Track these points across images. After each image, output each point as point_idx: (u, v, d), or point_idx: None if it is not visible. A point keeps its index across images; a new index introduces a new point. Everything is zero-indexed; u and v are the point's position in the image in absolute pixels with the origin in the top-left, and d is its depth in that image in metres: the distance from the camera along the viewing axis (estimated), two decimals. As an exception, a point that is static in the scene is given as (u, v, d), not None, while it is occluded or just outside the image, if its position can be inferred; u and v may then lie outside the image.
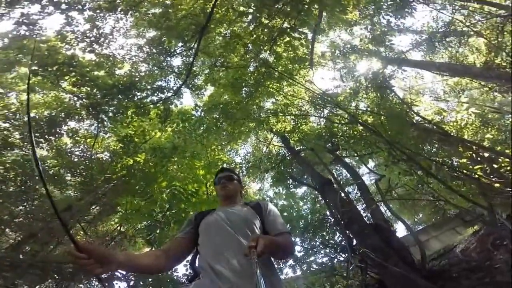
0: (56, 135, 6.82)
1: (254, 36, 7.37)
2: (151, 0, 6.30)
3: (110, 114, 7.22)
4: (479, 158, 6.11)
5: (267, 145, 10.94)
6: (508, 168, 5.08)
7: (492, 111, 9.18)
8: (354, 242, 7.64)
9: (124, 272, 5.79)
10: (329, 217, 9.09)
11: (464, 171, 6.87)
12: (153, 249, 7.62)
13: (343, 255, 7.73)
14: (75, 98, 6.59)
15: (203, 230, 1.71)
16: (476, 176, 5.16)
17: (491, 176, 5.40)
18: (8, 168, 7.48)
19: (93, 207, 9.68)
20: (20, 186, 8.07)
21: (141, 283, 6.79)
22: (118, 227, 10.71)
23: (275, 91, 8.91)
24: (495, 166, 5.30)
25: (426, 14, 8.13)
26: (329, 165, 10.14)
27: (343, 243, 7.97)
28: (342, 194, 8.96)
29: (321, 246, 8.47)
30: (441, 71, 9.34)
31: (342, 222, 8.06)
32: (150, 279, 6.15)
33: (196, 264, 1.68)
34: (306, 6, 6.97)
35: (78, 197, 9.04)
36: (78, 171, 8.32)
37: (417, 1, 7.19)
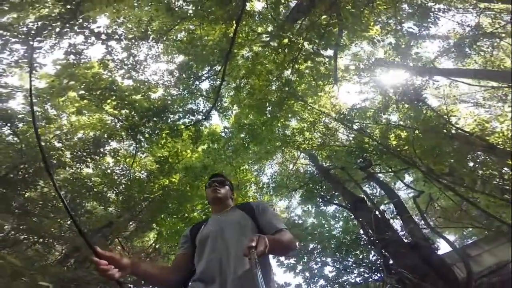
0: (100, 155, 7.53)
1: (276, 59, 7.67)
2: (178, 27, 7.03)
3: (147, 135, 7.81)
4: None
5: (294, 163, 10.80)
6: None
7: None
8: (391, 261, 7.07)
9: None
10: (363, 236, 8.50)
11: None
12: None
13: (378, 275, 7.12)
14: (116, 120, 7.35)
15: (197, 244, 1.68)
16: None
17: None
18: (61, 186, 8.34)
19: (130, 223, 10.20)
20: (70, 203, 8.86)
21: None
22: (154, 244, 11.10)
23: (299, 109, 8.98)
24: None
25: (448, 19, 7.80)
26: (361, 182, 9.64)
27: (378, 262, 7.38)
28: (377, 212, 8.43)
29: (354, 265, 7.87)
30: (478, 78, 8.69)
31: (377, 241, 7.56)
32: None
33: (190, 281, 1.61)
34: (327, 29, 7.18)
35: (118, 214, 9.65)
36: (119, 189, 8.98)
37: (438, 10, 6.99)
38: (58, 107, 7.02)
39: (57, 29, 4.69)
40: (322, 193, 9.94)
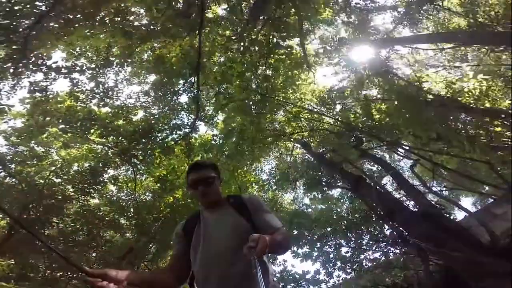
0: (101, 184, 7.10)
1: (249, 58, 7.19)
2: (140, 48, 6.65)
3: (140, 157, 7.35)
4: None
5: (290, 155, 10.11)
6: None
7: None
8: (406, 232, 6.23)
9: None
10: (371, 212, 7.61)
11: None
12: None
13: (397, 247, 6.33)
14: (106, 148, 6.95)
15: (191, 249, 1.51)
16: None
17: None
18: (74, 219, 7.93)
19: (150, 245, 9.66)
20: (88, 235, 8.43)
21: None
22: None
23: (282, 103, 8.36)
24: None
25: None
26: (357, 160, 8.78)
27: (393, 235, 6.53)
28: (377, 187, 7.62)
29: (370, 242, 7.07)
30: (433, 43, 7.95)
31: (384, 215, 6.82)
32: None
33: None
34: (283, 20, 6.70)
35: (136, 239, 9.15)
36: (128, 214, 8.52)
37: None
38: (44, 144, 6.71)
39: (11, 70, 4.39)
40: (323, 178, 9.18)
